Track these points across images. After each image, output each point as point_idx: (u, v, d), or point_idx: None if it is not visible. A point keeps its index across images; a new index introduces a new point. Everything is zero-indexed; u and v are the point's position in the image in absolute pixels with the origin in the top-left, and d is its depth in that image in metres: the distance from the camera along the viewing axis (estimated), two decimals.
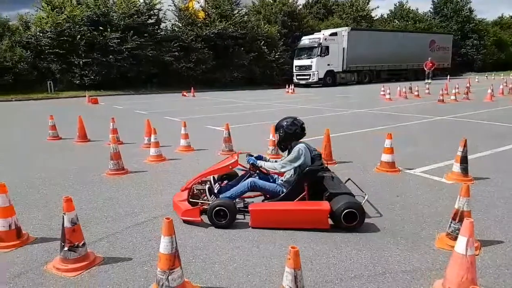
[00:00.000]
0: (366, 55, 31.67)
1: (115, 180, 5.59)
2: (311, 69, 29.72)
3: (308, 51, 30.28)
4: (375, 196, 4.63)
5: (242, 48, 31.81)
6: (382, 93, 19.26)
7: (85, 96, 20.91)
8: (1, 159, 7.21)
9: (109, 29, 26.37)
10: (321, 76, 29.78)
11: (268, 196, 4.21)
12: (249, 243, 3.44)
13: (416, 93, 18.80)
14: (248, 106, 16.53)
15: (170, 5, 31.44)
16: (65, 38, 25.62)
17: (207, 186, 4.28)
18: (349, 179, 4.59)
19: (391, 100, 16.99)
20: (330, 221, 3.71)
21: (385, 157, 5.67)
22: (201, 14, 32.08)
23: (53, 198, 4.77)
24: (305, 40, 31.34)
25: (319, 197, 3.95)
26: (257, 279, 2.87)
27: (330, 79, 30.50)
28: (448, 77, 32.78)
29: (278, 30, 35.22)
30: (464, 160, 5.08)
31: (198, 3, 32.77)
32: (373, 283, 2.80)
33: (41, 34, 26.18)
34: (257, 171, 4.35)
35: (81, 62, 25.77)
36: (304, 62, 30.29)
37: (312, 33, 33.54)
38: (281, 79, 33.14)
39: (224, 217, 3.73)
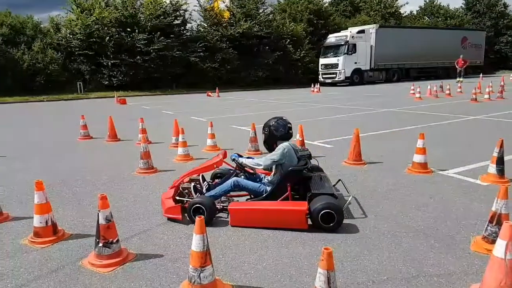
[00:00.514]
0: (394, 53, 31.00)
1: (145, 178, 5.70)
2: (337, 68, 29.37)
3: (334, 49, 29.93)
4: (407, 198, 4.53)
5: (267, 47, 31.78)
6: (412, 92, 18.79)
7: (113, 97, 21.43)
8: (35, 158, 7.47)
9: (136, 30, 26.91)
10: (348, 74, 29.38)
11: (252, 195, 4.21)
12: (277, 244, 3.43)
13: (447, 92, 18.22)
14: (273, 106, 16.50)
15: (196, 6, 31.87)
16: (94, 39, 26.31)
17: (192, 184, 4.31)
18: (339, 180, 4.60)
19: (421, 99, 16.55)
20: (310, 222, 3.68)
21: (417, 158, 5.52)
22: (226, 14, 32.27)
23: (86, 196, 4.92)
24: (332, 38, 30.98)
25: (305, 197, 3.90)
26: (287, 279, 2.86)
27: (357, 78, 30.03)
28: (481, 75, 31.58)
29: (303, 28, 34.94)
30: (500, 161, 4.89)
31: (224, 2, 32.99)
32: (406, 286, 2.73)
33: (71, 36, 27.00)
34: (243, 171, 4.36)
35: (109, 63, 26.42)
36: (330, 60, 29.96)
37: (339, 31, 33.09)
38: (306, 78, 32.90)
39: (202, 215, 3.71)
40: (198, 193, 4.20)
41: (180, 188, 4.33)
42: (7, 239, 3.63)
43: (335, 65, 29.54)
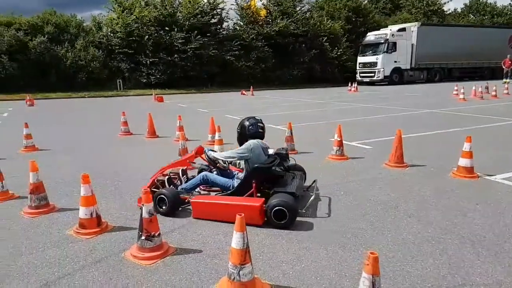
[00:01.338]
0: (437, 52, 29.84)
1: None
2: (376, 66, 28.68)
3: (373, 47, 29.24)
4: (452, 203, 4.33)
5: (303, 45, 31.51)
6: (455, 92, 18.03)
7: (151, 94, 21.97)
8: (78, 152, 7.78)
9: (175, 29, 27.45)
10: (387, 73, 28.62)
11: (221, 190, 4.34)
12: (316, 245, 3.38)
13: (493, 93, 17.31)
14: (309, 104, 16.34)
15: (233, 4, 32.08)
16: (134, 38, 27.06)
17: (166, 177, 4.48)
18: (315, 180, 4.65)
19: (466, 100, 15.82)
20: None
21: (463, 162, 5.26)
22: (263, 12, 32.29)
23: (127, 189, 5.05)
24: (371, 36, 30.26)
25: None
26: (326, 282, 2.81)
27: (397, 77, 29.20)
28: None
29: (341, 26, 34.37)
30: None
31: (260, 0, 33.05)
32: None
33: (112, 35, 27.92)
34: (215, 166, 4.50)
35: (148, 62, 27.10)
36: (369, 59, 29.30)
37: (378, 29, 32.30)
38: (343, 77, 32.35)
39: (165, 205, 3.97)
40: (171, 186, 4.38)
41: (156, 181, 4.49)
42: (54, 229, 3.80)
43: (373, 64, 28.86)
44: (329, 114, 12.85)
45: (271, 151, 4.52)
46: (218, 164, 4.45)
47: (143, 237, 3.16)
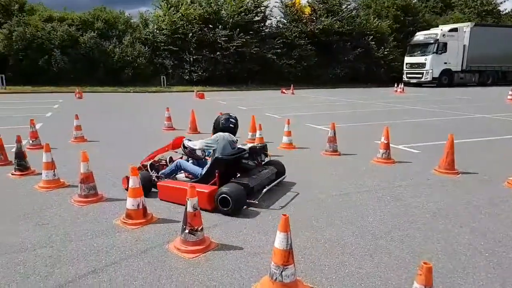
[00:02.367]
0: (490, 54, 28.19)
1: None
2: (424, 67, 27.55)
3: (422, 47, 28.09)
4: (506, 214, 4.05)
5: (348, 44, 30.86)
6: (509, 97, 16.95)
7: (193, 91, 22.33)
8: (125, 144, 8.04)
9: (220, 27, 27.76)
10: (436, 75, 27.41)
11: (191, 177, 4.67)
12: (361, 251, 3.27)
13: None
14: (352, 105, 15.97)
15: (277, 2, 31.92)
16: (179, 35, 27.62)
17: (149, 163, 4.97)
18: (285, 176, 5.01)
19: None
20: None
21: None
22: (307, 10, 31.92)
23: None
24: (420, 36, 29.08)
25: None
26: None
27: (446, 79, 27.89)
28: None
29: (389, 25, 33.29)
30: None
31: None
32: None
33: (157, 32, 28.66)
34: (190, 155, 4.85)
35: (191, 59, 27.59)
36: (417, 59, 28.19)
37: (428, 29, 30.98)
38: (388, 77, 31.37)
39: None
40: (153, 171, 4.84)
41: (142, 165, 4.93)
42: (102, 218, 3.94)
43: (422, 65, 27.74)
44: (374, 115, 12.48)
45: (245, 146, 4.95)
46: (194, 155, 4.80)
47: (186, 231, 3.20)
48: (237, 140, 4.79)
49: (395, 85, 23.96)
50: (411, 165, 6.09)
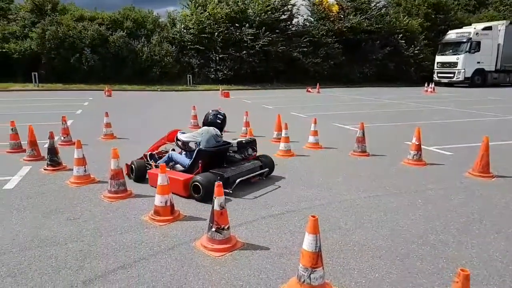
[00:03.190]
0: None
1: None
2: (456, 67, 26.66)
3: (454, 46, 27.19)
4: None
5: (377, 42, 30.25)
6: None
7: (218, 90, 22.45)
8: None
9: (247, 25, 27.79)
10: (468, 75, 26.47)
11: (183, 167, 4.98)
12: (391, 255, 3.17)
13: None
14: (380, 104, 15.64)
15: (304, 0, 31.66)
16: (205, 35, 27.81)
17: (149, 153, 5.37)
18: (266, 170, 5.19)
19: None
20: None
21: None
22: (335, 8, 31.48)
23: None
24: (452, 34, 28.16)
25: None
26: None
27: (479, 79, 26.89)
28: None
29: (419, 23, 32.40)
30: None
31: None
32: None
33: (185, 31, 28.94)
34: (182, 147, 5.12)
35: (217, 58, 27.73)
36: (449, 58, 27.31)
37: (461, 27, 29.94)
38: (418, 77, 30.56)
39: (133, 173, 5.02)
40: (152, 160, 5.24)
41: (144, 156, 5.39)
42: (131, 214, 4.00)
43: (453, 64, 26.85)
44: (404, 115, 12.16)
45: (235, 141, 5.35)
46: (187, 147, 5.05)
47: (213, 229, 3.20)
48: (222, 134, 5.11)
49: (426, 85, 23.34)
50: (443, 167, 5.88)
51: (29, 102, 15.80)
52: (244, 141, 5.38)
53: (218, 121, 5.17)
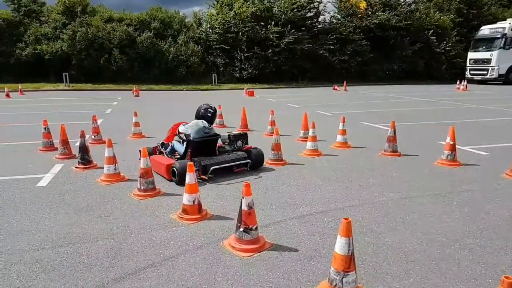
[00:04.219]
0: None
1: (274, 170, 5.73)
2: (489, 63, 25.62)
3: (487, 42, 26.12)
4: None
5: (408, 38, 29.48)
6: None
7: (242, 89, 22.46)
8: None
9: (272, 23, 27.68)
10: (503, 71, 25.36)
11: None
12: (426, 259, 3.04)
13: None
14: (410, 102, 15.23)
15: None
16: (230, 34, 27.88)
17: (160, 142, 5.85)
18: (248, 162, 5.54)
19: None
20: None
21: None
22: (363, 4, 30.89)
23: (221, 180, 5.16)
24: (485, 30, 27.07)
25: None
26: None
27: None
28: None
29: (451, 19, 31.35)
30: None
31: None
32: None
33: (210, 30, 29.11)
34: (184, 140, 5.52)
35: (242, 57, 27.75)
36: (482, 55, 26.28)
37: (495, 22, 28.74)
38: (449, 74, 29.60)
39: None
40: (163, 148, 5.71)
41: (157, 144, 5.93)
42: (159, 212, 4.03)
43: (487, 61, 25.82)
44: (436, 114, 11.77)
45: (225, 134, 5.85)
46: (183, 138, 5.48)
47: (241, 229, 3.16)
48: (211, 126, 5.53)
49: (457, 82, 22.58)
50: (478, 168, 5.64)
51: (61, 101, 16.32)
52: (233, 134, 5.85)
53: (208, 114, 5.60)
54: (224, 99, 18.06)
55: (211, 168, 5.07)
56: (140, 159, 4.63)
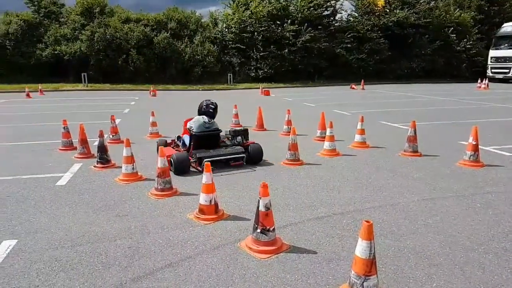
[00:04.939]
0: None
1: (291, 170, 5.67)
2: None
3: (510, 40, 25.42)
4: None
5: (426, 36, 28.93)
6: None
7: (258, 88, 22.39)
8: None
9: (288, 21, 27.55)
10: None
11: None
12: (449, 263, 2.95)
13: None
14: (430, 101, 14.92)
15: None
16: (246, 33, 27.85)
17: (176, 136, 6.40)
18: (244, 156, 5.83)
19: None
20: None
21: None
22: (381, 2, 30.47)
23: (238, 180, 5.15)
24: (508, 27, 26.33)
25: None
26: None
27: None
28: None
29: (472, 16, 30.63)
30: None
31: None
32: None
33: (226, 30, 29.16)
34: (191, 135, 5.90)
35: (258, 56, 27.69)
36: (504, 53, 25.58)
37: None
38: (469, 72, 28.93)
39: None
40: (178, 140, 6.25)
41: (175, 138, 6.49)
42: (176, 212, 4.02)
43: (509, 59, 25.11)
44: (456, 113, 11.50)
45: (226, 130, 6.35)
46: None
47: (258, 230, 3.12)
48: (211, 121, 5.90)
49: (478, 81, 22.04)
50: (503, 169, 5.46)
51: (79, 101, 16.59)
52: (233, 130, 6.26)
53: (210, 110, 6.05)
54: (239, 98, 18.03)
55: (204, 160, 5.31)
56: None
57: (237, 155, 5.79)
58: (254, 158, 5.87)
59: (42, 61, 26.54)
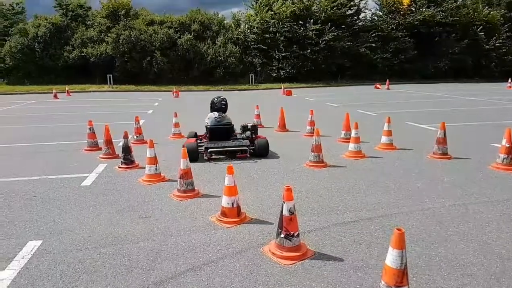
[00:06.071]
0: None
1: (314, 172, 5.55)
2: None
3: None
4: None
5: (453, 35, 28.13)
6: None
7: (280, 88, 22.29)
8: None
9: (311, 21, 27.33)
10: None
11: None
12: (484, 273, 2.78)
13: None
14: (458, 102, 14.45)
15: None
16: (269, 34, 27.78)
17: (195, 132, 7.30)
18: (247, 149, 6.33)
19: None
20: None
21: None
22: (406, 1, 29.83)
23: (260, 181, 5.08)
24: None
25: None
26: None
27: None
28: None
29: (501, 14, 29.58)
30: None
31: None
32: None
33: (248, 31, 29.19)
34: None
35: (280, 56, 27.58)
36: None
37: None
38: (499, 72, 27.94)
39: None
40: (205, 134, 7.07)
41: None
42: (198, 214, 3.98)
43: None
44: (486, 114, 11.07)
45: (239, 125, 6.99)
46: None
47: (282, 235, 3.04)
48: (222, 115, 6.64)
49: (509, 80, 21.24)
50: None
51: (105, 102, 16.92)
52: (243, 125, 6.89)
53: (222, 106, 6.93)
54: (261, 99, 18.00)
55: (208, 150, 6.15)
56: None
57: (241, 147, 6.33)
58: (260, 151, 6.35)
59: (69, 63, 27.31)
